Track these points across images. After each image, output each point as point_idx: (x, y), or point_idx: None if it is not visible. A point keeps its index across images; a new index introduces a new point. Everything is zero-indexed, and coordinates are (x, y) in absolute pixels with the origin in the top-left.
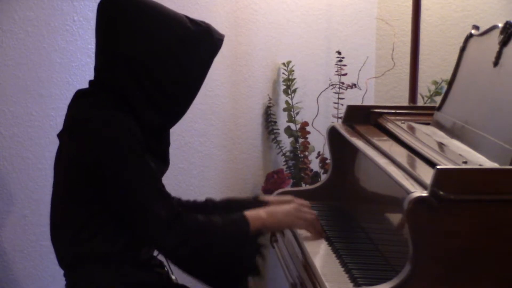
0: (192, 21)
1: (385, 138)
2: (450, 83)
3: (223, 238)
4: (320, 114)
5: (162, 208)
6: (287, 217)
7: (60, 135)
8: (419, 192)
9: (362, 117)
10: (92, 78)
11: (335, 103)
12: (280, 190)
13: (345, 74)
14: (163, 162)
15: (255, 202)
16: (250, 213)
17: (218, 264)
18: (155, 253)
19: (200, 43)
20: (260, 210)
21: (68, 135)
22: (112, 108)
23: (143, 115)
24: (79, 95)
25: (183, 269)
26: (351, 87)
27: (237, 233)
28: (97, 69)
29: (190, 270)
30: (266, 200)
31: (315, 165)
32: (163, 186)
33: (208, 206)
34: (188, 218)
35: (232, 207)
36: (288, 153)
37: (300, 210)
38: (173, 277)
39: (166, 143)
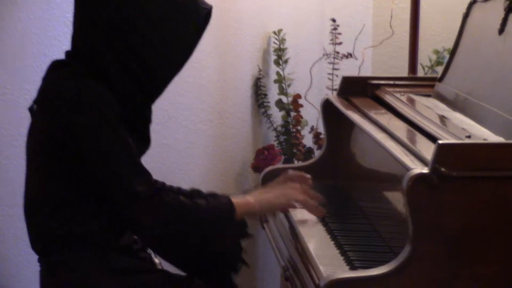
0: None
1: (383, 111)
2: (453, 52)
3: (205, 222)
4: (313, 86)
5: (141, 183)
6: (275, 200)
7: (31, 109)
8: (419, 169)
9: (358, 89)
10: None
11: (329, 74)
12: (270, 167)
13: (340, 43)
14: (144, 140)
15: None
16: (236, 198)
17: (198, 250)
18: None
19: (184, 14)
20: (247, 196)
21: (40, 108)
22: (87, 79)
23: (121, 88)
24: (54, 66)
25: (159, 252)
26: (347, 57)
27: (221, 217)
28: (74, 38)
29: (166, 254)
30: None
31: (308, 141)
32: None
33: (193, 197)
34: (169, 196)
35: None
36: (279, 128)
37: (289, 192)
38: (157, 261)
39: (147, 120)
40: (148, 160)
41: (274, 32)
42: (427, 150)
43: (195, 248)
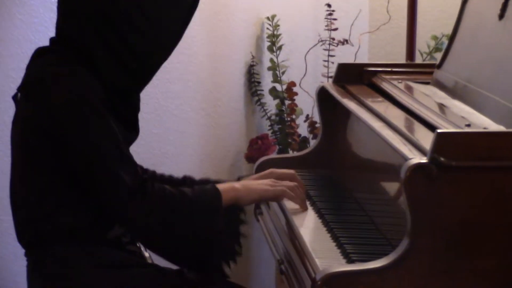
0: None
1: (380, 99)
2: (452, 38)
3: (190, 210)
4: (308, 73)
5: (127, 173)
6: (263, 187)
7: (15, 97)
8: (417, 159)
9: (354, 76)
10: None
11: (325, 61)
12: (264, 158)
13: (335, 29)
14: (132, 129)
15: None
16: (222, 185)
17: (186, 240)
18: None
19: None
20: (234, 182)
21: (23, 96)
22: (72, 64)
23: (107, 74)
24: (38, 53)
25: (146, 244)
26: (343, 44)
27: (207, 205)
28: (58, 23)
29: (154, 246)
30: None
31: (303, 130)
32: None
33: (186, 184)
34: (154, 186)
35: None
36: (273, 117)
37: (278, 180)
38: (147, 255)
39: (135, 109)
40: (137, 151)
41: (268, 18)
42: (426, 139)
43: (182, 239)
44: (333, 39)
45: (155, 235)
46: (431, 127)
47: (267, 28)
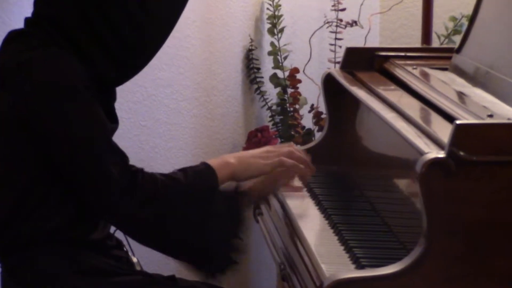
0: None
1: (393, 87)
2: (472, 19)
3: (187, 197)
4: (313, 58)
5: (116, 164)
6: (259, 161)
7: None
8: (434, 153)
9: (364, 61)
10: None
11: (331, 44)
12: None
13: (343, 10)
14: (112, 119)
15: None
16: (215, 160)
17: (183, 229)
18: (112, 230)
19: None
20: (227, 156)
21: None
22: (51, 48)
23: (91, 63)
24: (11, 37)
25: (140, 239)
26: (351, 25)
27: (203, 188)
28: (36, 3)
29: (149, 240)
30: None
31: (307, 121)
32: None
33: None
34: (145, 177)
35: None
36: (274, 107)
37: (275, 149)
38: (135, 260)
39: (113, 97)
40: (124, 145)
41: None
42: (443, 131)
43: (179, 229)
44: (341, 20)
45: (150, 229)
46: (449, 118)
47: (267, 9)
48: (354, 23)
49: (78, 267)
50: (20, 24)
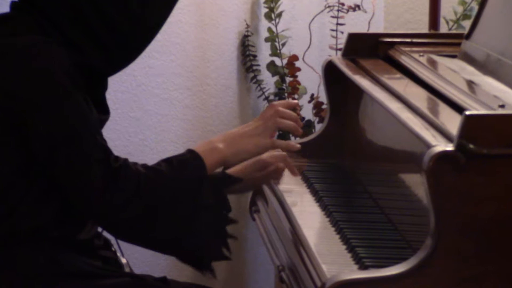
0: None
1: (399, 75)
2: (482, 3)
3: (173, 189)
4: (313, 45)
5: (99, 161)
6: (251, 138)
7: None
8: (442, 146)
9: (368, 48)
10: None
11: (332, 30)
12: None
13: None
14: (103, 110)
15: (225, 178)
16: (202, 147)
17: (172, 224)
18: (99, 229)
19: None
20: (215, 140)
21: None
22: (36, 35)
23: (79, 52)
24: None
25: (127, 238)
26: (354, 10)
27: (190, 178)
28: None
29: (137, 239)
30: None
31: (307, 112)
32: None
33: None
34: (128, 173)
35: None
36: (272, 97)
37: (263, 122)
38: (123, 261)
39: (103, 87)
40: (112, 137)
41: None
42: (452, 122)
43: (168, 224)
44: (343, 4)
45: (135, 227)
46: (459, 109)
47: None
48: (357, 7)
49: (61, 268)
50: (3, 7)
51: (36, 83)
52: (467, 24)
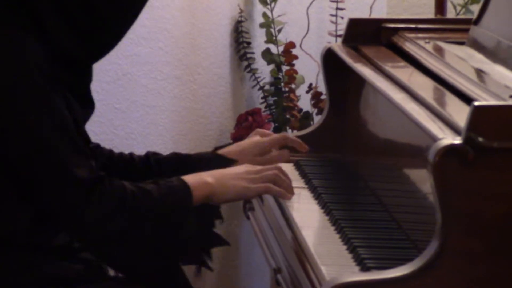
0: None
1: (403, 64)
2: None
3: (156, 214)
4: (311, 31)
5: (79, 168)
6: (242, 183)
7: None
8: (449, 139)
9: (370, 34)
10: None
11: (332, 15)
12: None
13: None
14: (87, 104)
15: (216, 159)
16: (192, 178)
17: (148, 249)
18: None
19: None
20: (205, 174)
21: None
22: (7, 26)
23: (56, 39)
24: None
25: (99, 255)
26: None
27: (175, 206)
28: None
29: (108, 258)
30: (230, 156)
31: (305, 103)
32: (86, 135)
33: (150, 163)
34: (113, 185)
35: (184, 166)
36: (267, 86)
37: (260, 169)
38: None
39: (87, 78)
40: (96, 131)
41: None
42: (460, 114)
43: (144, 248)
44: None
45: (111, 244)
46: (467, 99)
47: None
48: None
49: (39, 275)
50: None
51: (6, 82)
52: (475, 8)
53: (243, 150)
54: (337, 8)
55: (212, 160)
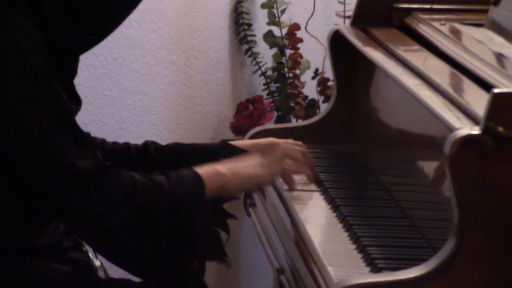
0: None
1: (416, 47)
2: None
3: (169, 207)
4: (317, 12)
5: (82, 156)
6: (256, 171)
7: None
8: (467, 129)
9: (380, 16)
10: None
11: None
12: (258, 128)
13: None
14: (74, 98)
15: (224, 149)
16: (205, 169)
17: (160, 246)
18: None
19: None
20: (218, 166)
21: None
22: (5, 9)
23: (51, 28)
24: None
25: (108, 253)
26: None
27: (187, 199)
28: None
29: (116, 256)
30: (240, 145)
31: (310, 90)
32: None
33: (149, 153)
34: (122, 176)
35: (191, 156)
36: (269, 72)
37: (276, 160)
38: (97, 263)
39: (73, 71)
40: (83, 120)
41: None
42: (478, 102)
43: (156, 244)
44: None
45: (118, 240)
46: (486, 86)
47: None
48: None
49: (24, 278)
50: None
51: (3, 68)
52: None
53: (256, 145)
54: None
55: (221, 149)
